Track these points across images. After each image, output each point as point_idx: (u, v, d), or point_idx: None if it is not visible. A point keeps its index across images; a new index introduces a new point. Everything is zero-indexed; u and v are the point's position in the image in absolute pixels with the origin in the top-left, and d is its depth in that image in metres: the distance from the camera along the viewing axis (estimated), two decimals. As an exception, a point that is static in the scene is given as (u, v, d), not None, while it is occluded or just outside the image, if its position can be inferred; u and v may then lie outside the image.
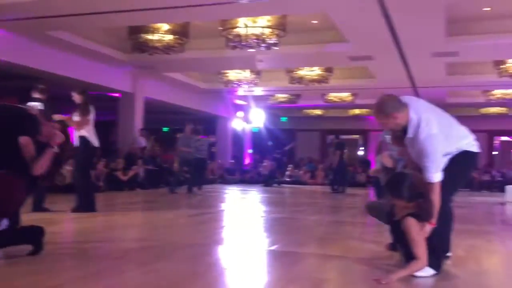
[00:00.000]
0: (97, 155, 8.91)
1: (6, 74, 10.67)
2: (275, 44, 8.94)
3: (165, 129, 22.05)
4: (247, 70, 12.81)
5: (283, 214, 7.47)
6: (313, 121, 21.02)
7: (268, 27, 8.55)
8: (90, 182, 6.85)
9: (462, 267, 3.58)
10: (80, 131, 6.32)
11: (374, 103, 3.38)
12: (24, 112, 3.83)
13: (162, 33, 9.06)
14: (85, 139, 6.32)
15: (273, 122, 20.92)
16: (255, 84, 13.34)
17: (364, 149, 21.79)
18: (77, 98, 6.46)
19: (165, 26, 9.01)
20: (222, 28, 8.84)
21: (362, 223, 6.61)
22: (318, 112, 19.88)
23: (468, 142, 3.38)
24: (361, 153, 21.99)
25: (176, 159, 11.10)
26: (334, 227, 6.04)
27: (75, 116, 6.36)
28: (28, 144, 3.46)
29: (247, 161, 20.05)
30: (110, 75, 12.18)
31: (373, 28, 8.64)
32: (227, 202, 9.77)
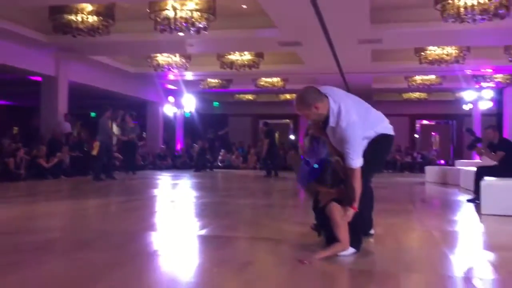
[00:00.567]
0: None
1: None
2: (205, 28, 8.84)
3: (92, 114, 21.27)
4: (177, 54, 12.60)
5: (214, 199, 7.48)
6: (245, 106, 21.15)
7: (197, 11, 8.44)
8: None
9: (381, 244, 3.78)
10: None
11: (295, 97, 3.44)
12: None
13: (85, 14, 8.69)
14: None
15: (205, 107, 20.80)
16: (186, 68, 13.16)
17: (295, 133, 22.25)
18: None
19: (89, 7, 8.65)
20: (150, 10, 8.62)
21: (292, 206, 6.78)
22: (250, 97, 20.00)
23: (384, 126, 3.55)
24: (292, 137, 22.45)
25: (96, 145, 10.80)
26: (264, 210, 6.14)
27: None
28: None
29: (179, 146, 19.84)
30: (31, 58, 11.54)
31: (301, 14, 8.77)
32: (157, 188, 9.63)
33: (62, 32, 9.13)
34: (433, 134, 21.94)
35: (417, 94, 18.26)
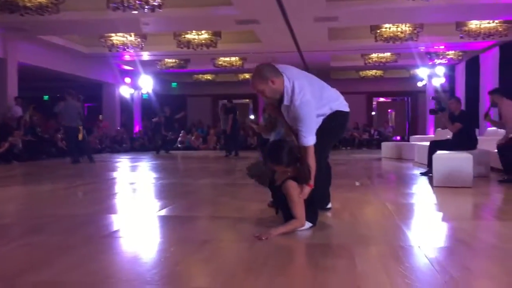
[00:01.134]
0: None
1: None
2: (159, 6, 8.64)
3: (45, 97, 20.57)
4: (132, 34, 12.28)
5: (174, 180, 7.42)
6: (204, 86, 20.94)
7: (150, -12, 8.22)
8: None
9: (337, 218, 3.85)
10: None
11: (252, 72, 3.42)
12: None
13: (33, -9, 8.32)
14: None
15: (163, 88, 20.47)
16: (142, 48, 12.86)
17: (254, 113, 22.26)
18: None
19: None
20: (101, -13, 8.34)
21: (252, 184, 6.79)
22: (209, 77, 19.81)
23: (339, 102, 3.59)
24: (252, 117, 22.45)
25: (80, 130, 10.76)
26: (224, 190, 6.14)
27: None
28: None
29: (137, 128, 19.51)
30: (-24, 39, 11.01)
31: (257, -9, 8.70)
32: (115, 171, 9.46)
33: (8, 11, 8.71)
34: (389, 111, 22.43)
35: (373, 72, 18.56)
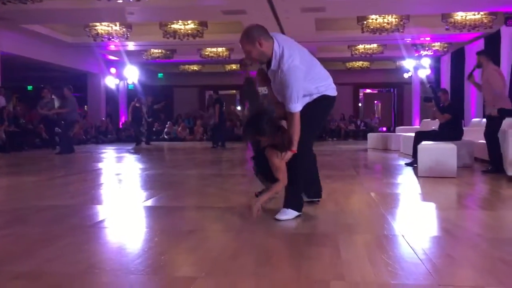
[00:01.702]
0: None
1: None
2: (145, -5, 8.56)
3: (29, 87, 20.28)
4: (118, 23, 12.14)
5: (160, 170, 7.39)
6: (190, 77, 20.82)
7: (135, -24, 8.12)
8: None
9: (322, 208, 3.86)
10: None
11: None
12: None
13: (15, -21, 8.17)
14: None
15: (149, 79, 20.31)
16: (127, 38, 12.72)
17: (241, 104, 22.18)
18: None
19: (18, -28, 8.13)
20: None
21: (239, 175, 6.80)
22: (195, 67, 19.69)
23: (327, 84, 3.48)
24: (238, 108, 22.37)
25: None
26: (210, 180, 6.13)
27: None
28: None
29: (123, 119, 19.36)
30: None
31: (244, -19, 8.64)
32: (100, 161, 9.38)
33: (-10, -1, 8.56)
34: (375, 102, 22.54)
35: (360, 63, 18.60)
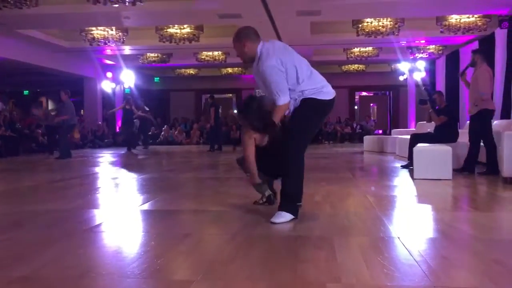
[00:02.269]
0: None
1: None
2: (140, -1, 8.55)
3: (25, 92, 20.26)
4: (114, 28, 12.13)
5: (157, 174, 7.39)
6: (187, 80, 20.82)
7: (131, -19, 8.13)
8: None
9: (318, 210, 3.88)
10: None
11: None
12: None
13: (11, -16, 8.16)
14: None
15: (145, 83, 20.30)
16: (123, 42, 12.71)
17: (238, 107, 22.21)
18: None
19: (14, -23, 8.12)
20: (80, -20, 8.22)
21: (235, 178, 6.80)
22: (192, 71, 19.69)
23: (316, 88, 3.51)
24: (234, 111, 22.40)
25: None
26: (207, 184, 6.14)
27: None
28: None
29: (120, 123, 19.32)
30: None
31: (239, -15, 8.66)
32: (96, 166, 9.37)
33: (-15, 4, 8.54)
34: (371, 105, 22.59)
35: (355, 66, 18.64)
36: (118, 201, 4.80)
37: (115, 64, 17.28)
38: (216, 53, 15.64)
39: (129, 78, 18.33)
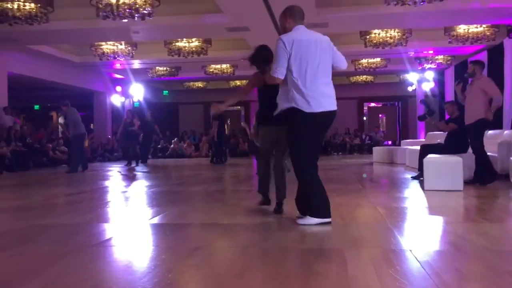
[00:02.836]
0: None
1: None
2: (149, 14, 8.63)
3: (36, 106, 20.46)
4: (123, 42, 12.27)
5: (166, 188, 7.40)
6: (195, 93, 20.92)
7: (140, -4, 8.22)
8: None
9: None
10: None
11: None
12: None
13: (22, 1, 8.28)
14: None
15: (154, 96, 20.44)
16: (132, 56, 12.84)
17: (246, 120, 22.24)
18: None
19: (25, -6, 8.25)
20: (90, -4, 8.31)
21: (244, 191, 6.79)
22: (200, 84, 19.80)
23: (303, 100, 3.72)
24: (243, 124, 22.44)
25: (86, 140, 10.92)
26: (215, 196, 6.13)
27: None
28: None
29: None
30: (-36, 49, 10.94)
31: (247, -2, 8.73)
32: (106, 179, 9.41)
33: (-3, 20, 8.67)
34: (380, 116, 22.52)
35: (364, 77, 18.62)
36: (128, 214, 4.81)
37: (125, 78, 17.43)
38: (224, 65, 15.74)
39: (138, 92, 18.47)
